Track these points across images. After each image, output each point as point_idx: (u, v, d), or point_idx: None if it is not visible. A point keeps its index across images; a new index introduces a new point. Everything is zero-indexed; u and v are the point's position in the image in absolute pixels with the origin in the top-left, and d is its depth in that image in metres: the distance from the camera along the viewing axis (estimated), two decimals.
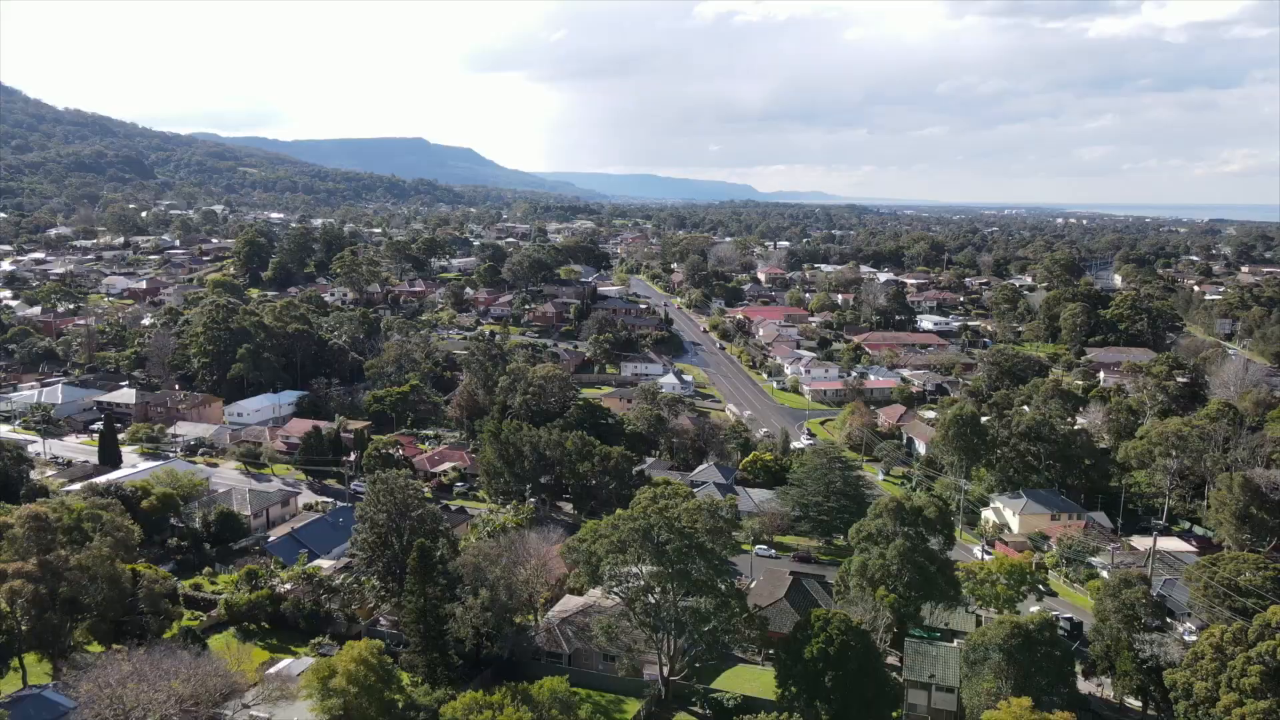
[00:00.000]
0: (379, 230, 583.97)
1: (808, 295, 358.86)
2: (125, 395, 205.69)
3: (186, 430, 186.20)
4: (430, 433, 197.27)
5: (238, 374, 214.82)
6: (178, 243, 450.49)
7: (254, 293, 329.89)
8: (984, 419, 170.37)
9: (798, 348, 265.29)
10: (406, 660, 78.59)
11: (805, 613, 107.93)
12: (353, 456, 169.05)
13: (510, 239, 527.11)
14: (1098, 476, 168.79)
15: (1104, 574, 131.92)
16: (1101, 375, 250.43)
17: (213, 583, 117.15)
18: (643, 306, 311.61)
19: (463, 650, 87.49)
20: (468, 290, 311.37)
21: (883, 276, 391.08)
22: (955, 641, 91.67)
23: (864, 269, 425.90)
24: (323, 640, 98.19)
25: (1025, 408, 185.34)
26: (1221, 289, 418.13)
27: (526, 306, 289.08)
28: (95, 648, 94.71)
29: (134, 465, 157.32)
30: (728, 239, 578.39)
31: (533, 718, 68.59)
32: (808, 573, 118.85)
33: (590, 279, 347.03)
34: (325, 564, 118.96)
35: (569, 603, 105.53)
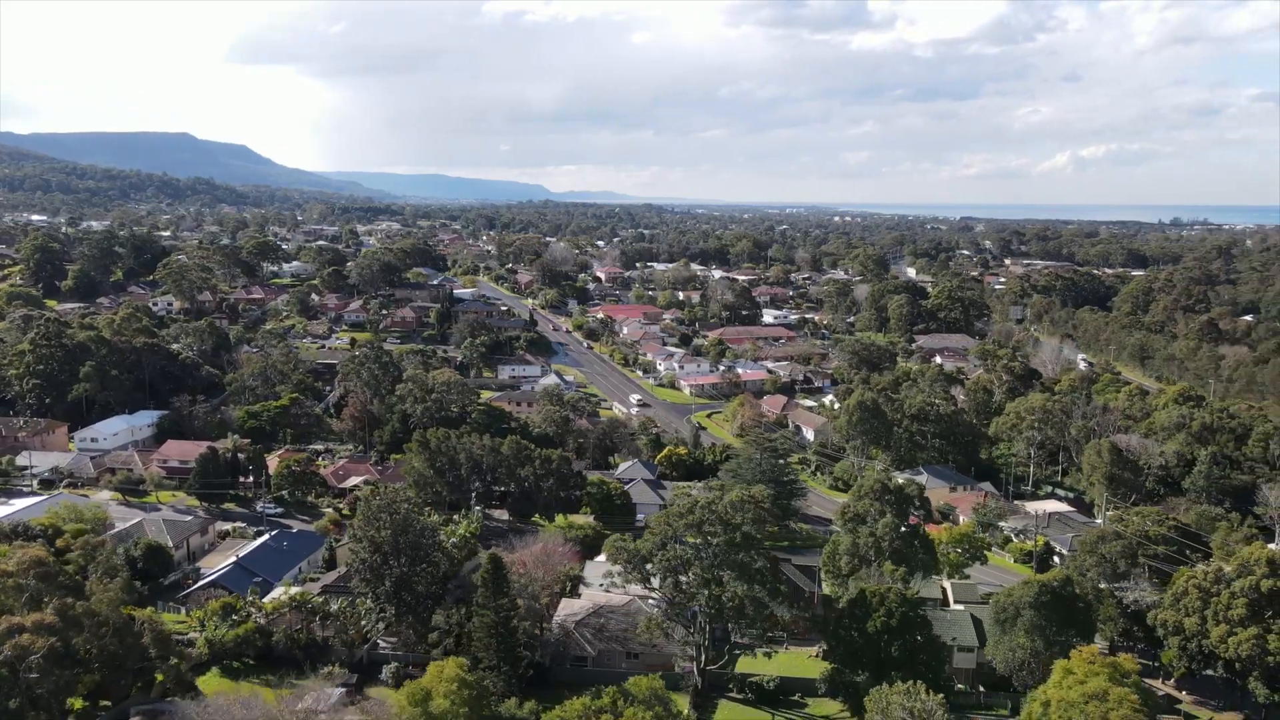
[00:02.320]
0: (168, 234, 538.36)
1: (651, 293, 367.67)
2: None
3: (36, 460, 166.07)
4: (320, 447, 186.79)
5: (81, 395, 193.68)
6: None
7: (54, 304, 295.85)
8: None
9: (664, 344, 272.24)
10: (485, 676, 76.26)
11: (795, 595, 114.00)
12: (252, 478, 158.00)
13: (321, 241, 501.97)
14: (972, 451, 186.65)
15: (1015, 539, 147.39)
16: (937, 359, 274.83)
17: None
18: (504, 308, 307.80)
19: None
20: (313, 296, 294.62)
21: (716, 274, 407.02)
22: (959, 605, 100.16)
23: (695, 267, 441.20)
24: (334, 669, 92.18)
25: (901, 390, 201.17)
26: (1002, 280, 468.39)
27: (384, 312, 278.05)
28: (77, 703, 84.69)
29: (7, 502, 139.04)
30: (549, 239, 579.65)
31: (650, 715, 69.12)
32: (780, 558, 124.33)
33: (438, 281, 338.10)
34: (291, 591, 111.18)
35: (571, 606, 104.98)
